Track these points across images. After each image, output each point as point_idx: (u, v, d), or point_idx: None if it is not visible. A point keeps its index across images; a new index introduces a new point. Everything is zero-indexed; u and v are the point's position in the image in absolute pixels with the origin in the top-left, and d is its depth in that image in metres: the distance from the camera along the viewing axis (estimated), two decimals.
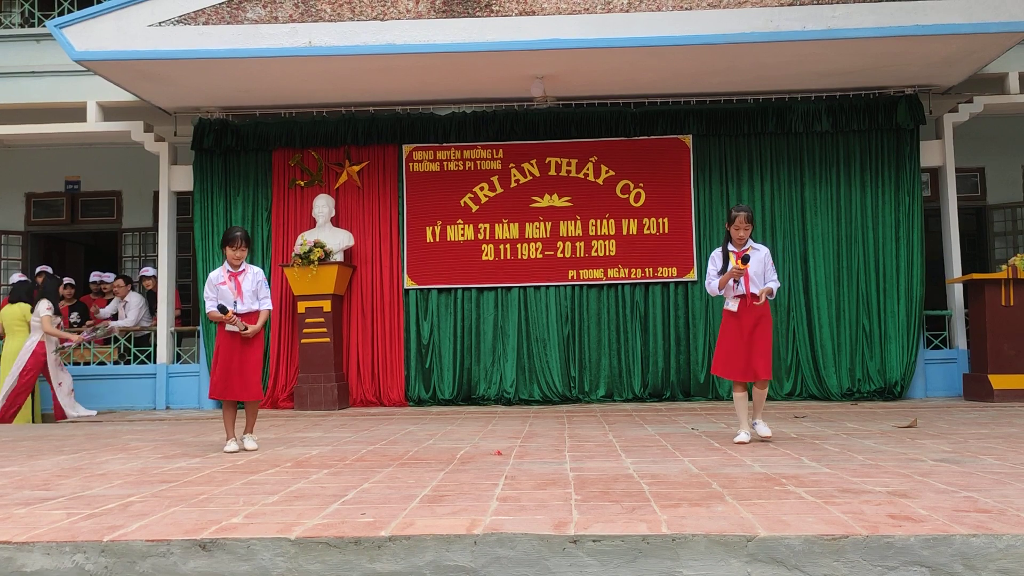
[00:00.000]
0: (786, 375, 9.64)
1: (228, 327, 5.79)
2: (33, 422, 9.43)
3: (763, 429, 5.79)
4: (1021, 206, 11.41)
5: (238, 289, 5.83)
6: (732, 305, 5.75)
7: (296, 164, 10.15)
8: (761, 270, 5.73)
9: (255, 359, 5.89)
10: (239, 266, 5.91)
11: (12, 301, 9.77)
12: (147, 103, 9.88)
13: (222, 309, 5.71)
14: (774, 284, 5.78)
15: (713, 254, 5.93)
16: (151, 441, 6.69)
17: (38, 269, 10.98)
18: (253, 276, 5.93)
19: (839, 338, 9.63)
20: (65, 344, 9.70)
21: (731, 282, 5.70)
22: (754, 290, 5.70)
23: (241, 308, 5.82)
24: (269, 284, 6.18)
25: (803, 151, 9.90)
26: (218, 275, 5.92)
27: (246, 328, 5.78)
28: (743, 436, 5.73)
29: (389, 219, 10.11)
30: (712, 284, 5.83)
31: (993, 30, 8.06)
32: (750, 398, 5.87)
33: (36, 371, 9.28)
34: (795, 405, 8.94)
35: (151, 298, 10.86)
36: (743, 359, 5.67)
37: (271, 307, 6.04)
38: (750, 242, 5.81)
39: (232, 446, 5.84)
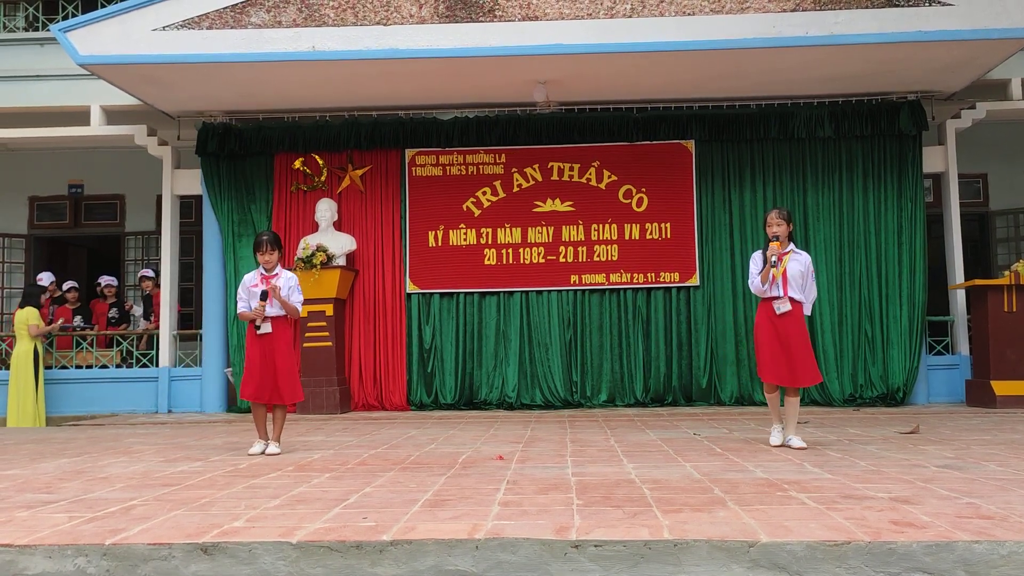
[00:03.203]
0: None
1: (258, 328, 5.82)
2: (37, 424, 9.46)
3: (796, 442, 5.70)
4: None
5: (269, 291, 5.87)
6: (780, 306, 5.66)
7: (299, 168, 10.16)
8: (799, 273, 5.69)
9: (281, 363, 5.88)
10: (272, 270, 5.95)
11: (22, 306, 9.85)
12: (150, 107, 9.90)
13: (263, 296, 5.76)
14: (811, 298, 5.77)
15: (754, 255, 5.90)
16: (153, 444, 6.69)
17: (41, 276, 11.03)
18: (285, 281, 5.96)
19: (841, 343, 9.62)
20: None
21: (770, 278, 5.64)
22: (792, 294, 5.66)
23: (270, 312, 5.84)
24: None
25: (806, 156, 9.90)
26: (251, 277, 5.99)
27: (258, 328, 5.78)
28: (775, 438, 5.73)
29: (392, 223, 10.11)
30: (755, 281, 5.78)
31: (995, 36, 8.06)
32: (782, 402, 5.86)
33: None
34: (797, 411, 8.91)
35: (148, 301, 10.88)
36: (787, 364, 5.64)
37: (299, 308, 6.03)
38: (791, 246, 5.77)
39: (257, 448, 5.87)
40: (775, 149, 9.92)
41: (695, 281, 9.79)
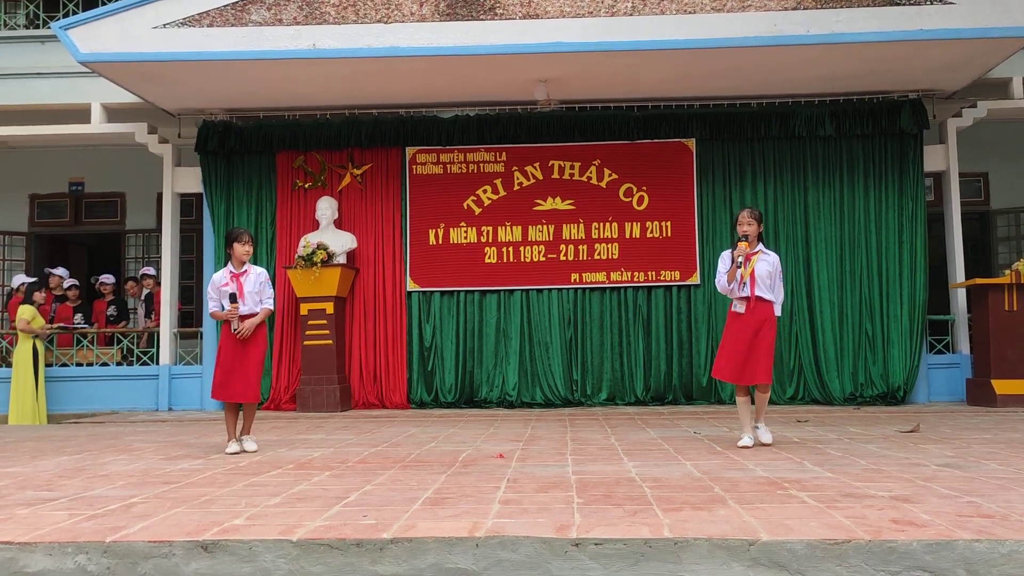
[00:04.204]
0: (788, 379, 9.63)
1: (236, 331, 5.79)
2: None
3: (765, 435, 5.78)
4: None
5: (240, 290, 5.83)
6: (739, 307, 5.72)
7: (299, 166, 10.16)
8: (766, 273, 5.70)
9: (255, 361, 5.87)
10: (243, 266, 5.92)
11: (21, 303, 9.87)
12: (151, 105, 9.89)
13: (232, 299, 5.72)
14: (779, 299, 5.76)
15: (723, 254, 5.89)
16: (153, 442, 6.69)
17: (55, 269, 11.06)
18: (256, 277, 5.92)
19: (842, 342, 9.62)
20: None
21: (737, 277, 5.65)
22: (759, 293, 5.67)
23: (243, 309, 5.80)
24: (273, 285, 6.17)
25: (806, 155, 9.89)
26: (220, 277, 5.93)
27: (237, 330, 5.77)
28: (746, 440, 5.72)
29: (392, 221, 10.11)
30: (721, 280, 5.80)
31: (996, 35, 8.05)
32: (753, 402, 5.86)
33: None
34: (797, 409, 8.93)
35: (149, 299, 10.88)
36: (743, 363, 5.66)
37: (272, 307, 6.01)
38: (760, 246, 5.77)
39: (233, 447, 5.85)
40: (776, 148, 9.92)
41: (696, 280, 9.78)
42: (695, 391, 9.71)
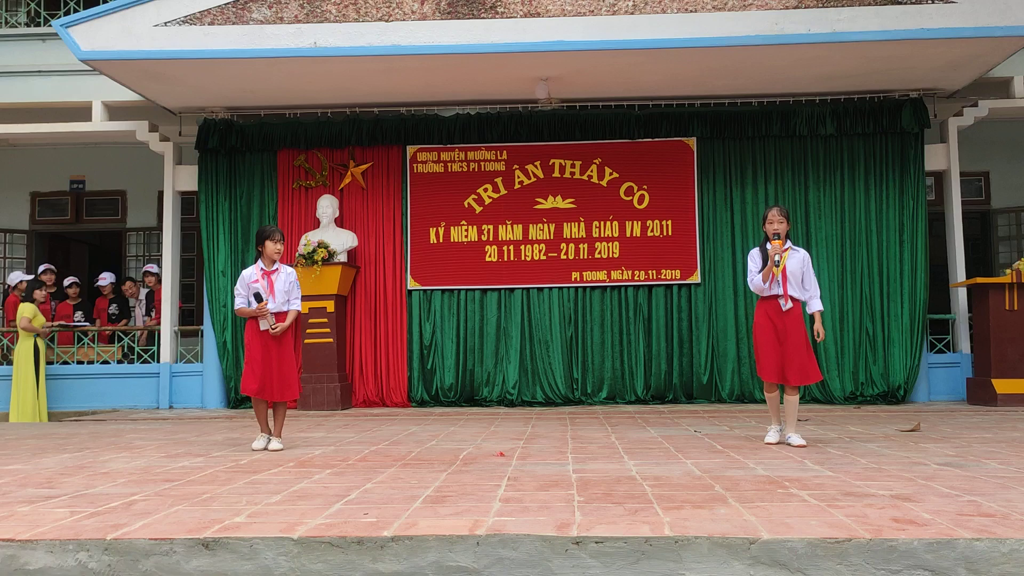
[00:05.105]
0: None
1: (261, 324, 5.79)
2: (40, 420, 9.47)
3: (796, 440, 5.71)
4: None
5: (271, 288, 5.82)
6: (785, 304, 5.68)
7: (300, 165, 10.16)
8: (798, 270, 5.70)
9: (290, 358, 5.90)
10: (273, 264, 5.91)
11: (22, 301, 9.87)
12: (152, 103, 9.89)
13: (258, 297, 5.72)
14: (815, 292, 5.76)
15: (751, 253, 5.88)
16: (154, 440, 6.70)
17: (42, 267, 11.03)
18: (286, 276, 5.93)
19: (842, 341, 9.62)
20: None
21: (771, 277, 5.65)
22: (791, 292, 5.67)
23: (272, 307, 5.79)
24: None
25: (807, 154, 9.89)
26: (251, 273, 5.91)
27: (275, 327, 5.77)
28: (771, 436, 5.73)
29: (393, 220, 10.11)
30: (756, 280, 5.78)
31: (998, 34, 8.05)
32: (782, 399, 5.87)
33: None
34: (798, 408, 8.91)
35: (150, 297, 10.88)
36: (778, 360, 5.66)
37: (299, 308, 6.01)
38: (789, 243, 5.78)
39: (260, 443, 5.85)
40: (777, 146, 9.92)
41: (696, 278, 9.78)
42: (695, 390, 9.72)
